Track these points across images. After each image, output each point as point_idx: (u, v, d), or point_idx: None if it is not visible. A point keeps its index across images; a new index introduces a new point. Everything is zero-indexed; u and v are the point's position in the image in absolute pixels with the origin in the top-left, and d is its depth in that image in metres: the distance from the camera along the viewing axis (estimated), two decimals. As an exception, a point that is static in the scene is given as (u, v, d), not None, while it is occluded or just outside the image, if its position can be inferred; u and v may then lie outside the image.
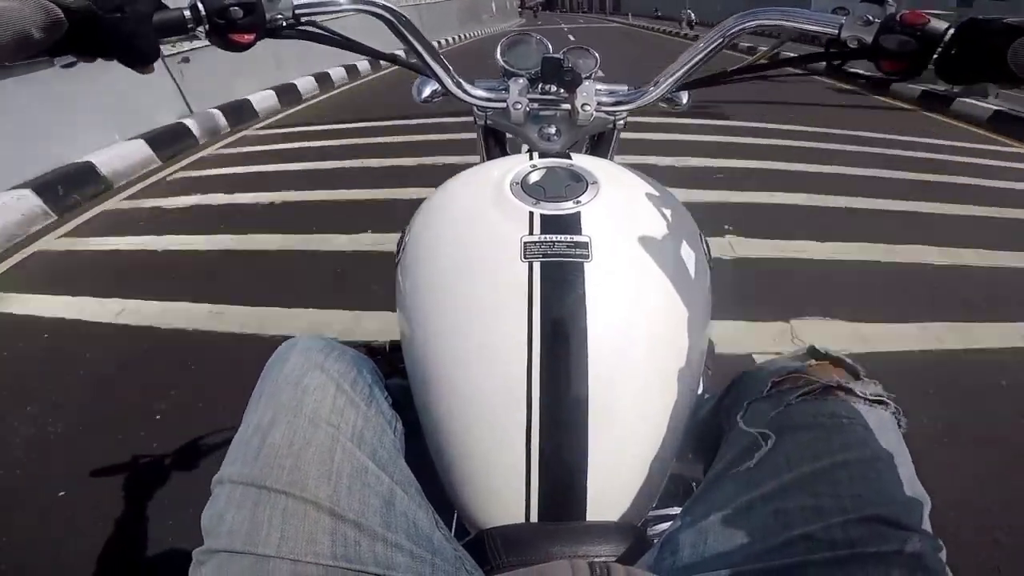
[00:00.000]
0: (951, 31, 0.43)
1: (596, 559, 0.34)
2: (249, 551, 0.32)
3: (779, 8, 0.53)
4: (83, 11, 0.38)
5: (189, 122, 4.33)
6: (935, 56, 0.43)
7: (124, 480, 1.24)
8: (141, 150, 3.79)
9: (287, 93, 5.80)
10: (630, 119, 0.72)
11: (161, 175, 3.63)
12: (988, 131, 4.36)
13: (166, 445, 1.31)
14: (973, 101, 4.67)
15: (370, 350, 0.50)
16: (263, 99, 5.35)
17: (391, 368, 0.53)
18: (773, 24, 0.53)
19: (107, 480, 1.23)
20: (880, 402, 0.41)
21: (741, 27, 0.56)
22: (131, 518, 1.15)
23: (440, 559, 0.35)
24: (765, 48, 0.68)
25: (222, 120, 4.69)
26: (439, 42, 10.88)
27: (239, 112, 4.91)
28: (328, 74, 6.81)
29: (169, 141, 4.05)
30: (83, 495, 1.22)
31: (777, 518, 0.35)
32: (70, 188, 3.12)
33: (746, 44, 7.63)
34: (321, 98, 6.26)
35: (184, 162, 3.89)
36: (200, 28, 0.46)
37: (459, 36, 13.38)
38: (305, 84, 6.26)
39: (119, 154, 3.61)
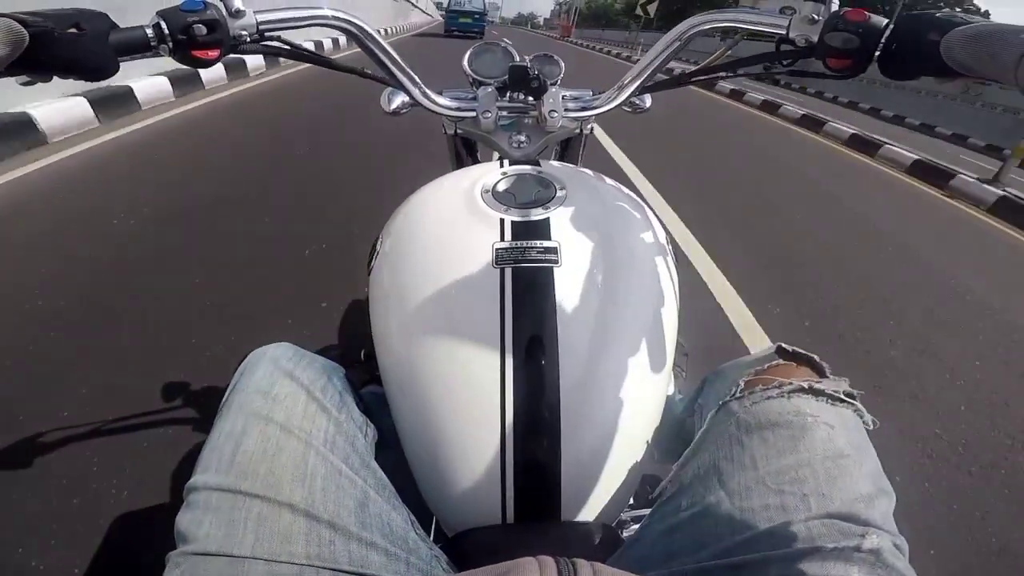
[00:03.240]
0: (889, 27, 0.44)
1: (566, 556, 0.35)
2: (224, 553, 0.32)
3: (730, 9, 0.55)
4: (41, 29, 0.38)
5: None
6: (878, 52, 0.45)
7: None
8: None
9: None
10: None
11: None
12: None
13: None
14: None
15: (344, 359, 0.50)
16: None
17: (367, 376, 0.53)
18: (724, 25, 0.55)
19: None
20: (845, 400, 0.42)
21: (695, 28, 0.58)
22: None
23: (415, 557, 0.35)
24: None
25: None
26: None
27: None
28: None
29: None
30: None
31: (743, 515, 0.36)
32: None
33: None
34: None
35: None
36: (163, 46, 0.47)
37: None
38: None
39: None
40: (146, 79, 3.97)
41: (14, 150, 2.60)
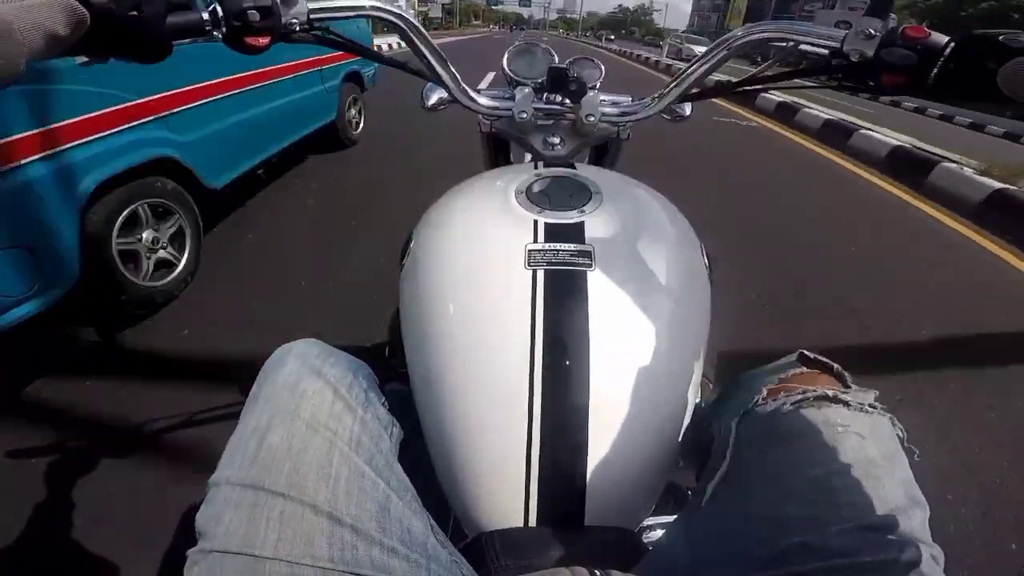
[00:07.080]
0: (951, 46, 0.43)
1: (593, 564, 0.34)
2: (245, 552, 0.31)
3: (784, 21, 0.54)
4: (103, 9, 0.39)
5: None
6: (935, 71, 0.44)
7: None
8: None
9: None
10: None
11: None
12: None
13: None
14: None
15: (368, 354, 0.50)
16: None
17: (389, 372, 0.53)
18: (777, 37, 0.54)
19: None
20: (876, 408, 0.40)
21: (746, 39, 0.56)
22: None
23: (435, 564, 0.35)
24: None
25: None
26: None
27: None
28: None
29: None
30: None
31: (774, 527, 0.34)
32: None
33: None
34: None
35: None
36: (217, 31, 0.47)
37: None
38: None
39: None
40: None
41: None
